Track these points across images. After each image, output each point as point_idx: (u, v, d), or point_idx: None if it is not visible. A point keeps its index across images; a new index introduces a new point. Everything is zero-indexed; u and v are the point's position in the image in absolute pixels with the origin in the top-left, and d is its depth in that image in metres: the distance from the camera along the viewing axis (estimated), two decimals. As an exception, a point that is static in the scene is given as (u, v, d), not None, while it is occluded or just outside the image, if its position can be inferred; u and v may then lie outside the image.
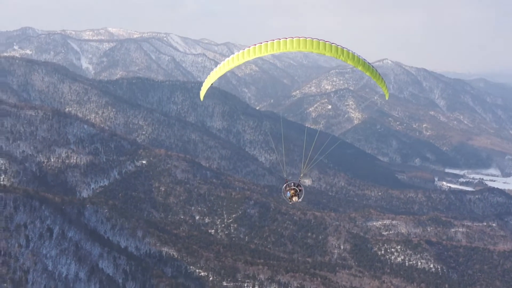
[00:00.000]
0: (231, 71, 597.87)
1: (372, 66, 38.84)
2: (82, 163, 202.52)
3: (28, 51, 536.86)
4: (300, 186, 41.94)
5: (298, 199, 41.85)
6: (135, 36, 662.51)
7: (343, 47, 37.01)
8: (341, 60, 37.12)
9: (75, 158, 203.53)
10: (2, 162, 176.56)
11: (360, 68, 38.02)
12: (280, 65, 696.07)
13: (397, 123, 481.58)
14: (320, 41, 36.39)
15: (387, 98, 43.52)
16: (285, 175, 47.19)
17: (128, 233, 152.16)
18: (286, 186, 42.24)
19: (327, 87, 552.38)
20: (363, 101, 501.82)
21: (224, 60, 39.50)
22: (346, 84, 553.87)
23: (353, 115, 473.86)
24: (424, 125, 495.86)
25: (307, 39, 36.28)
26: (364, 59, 38.22)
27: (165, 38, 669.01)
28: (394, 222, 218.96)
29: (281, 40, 36.54)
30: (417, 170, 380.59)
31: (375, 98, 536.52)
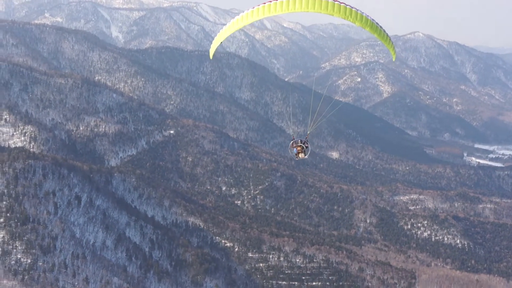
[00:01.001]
0: (261, 42, 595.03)
1: (381, 27, 38.10)
2: (110, 132, 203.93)
3: (58, 19, 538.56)
4: (307, 143, 42.19)
5: (305, 155, 42.23)
6: (165, 5, 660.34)
7: (352, 7, 36.32)
8: (349, 21, 36.45)
9: (103, 126, 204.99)
10: (32, 129, 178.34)
11: (367, 29, 37.30)
12: (310, 36, 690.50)
13: (427, 97, 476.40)
14: (329, 1, 35.74)
15: (394, 60, 43.01)
16: (291, 132, 47.23)
17: (155, 203, 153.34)
18: (293, 143, 42.45)
19: (356, 60, 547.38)
20: (393, 74, 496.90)
21: (233, 19, 38.84)
22: (376, 57, 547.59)
23: (382, 88, 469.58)
24: (454, 100, 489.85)
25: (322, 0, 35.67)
26: (372, 19, 37.47)
27: (195, 8, 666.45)
28: (421, 197, 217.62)
29: (290, 0, 35.98)
30: (446, 145, 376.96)
31: (406, 71, 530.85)
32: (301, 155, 42.52)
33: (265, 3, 36.79)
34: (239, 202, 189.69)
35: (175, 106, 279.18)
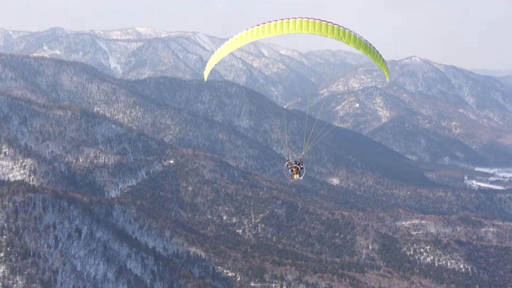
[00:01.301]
0: (258, 70, 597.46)
1: (374, 48, 38.39)
2: (110, 163, 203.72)
3: (57, 51, 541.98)
4: (302, 165, 42.51)
5: (300, 176, 42.64)
6: (162, 35, 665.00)
7: (345, 28, 36.72)
8: (343, 42, 36.73)
9: (103, 158, 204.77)
10: (31, 162, 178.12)
11: (361, 50, 37.68)
12: (307, 63, 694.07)
13: (426, 121, 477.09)
14: (322, 22, 36.24)
15: (388, 81, 43.51)
16: (286, 153, 47.60)
17: (156, 233, 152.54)
18: (288, 164, 43.00)
19: (354, 85, 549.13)
20: (391, 99, 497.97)
21: (227, 41, 39.00)
22: (374, 82, 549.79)
23: (381, 113, 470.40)
24: (453, 123, 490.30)
25: (309, 20, 36.17)
26: (366, 40, 37.79)
27: (192, 37, 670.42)
28: (423, 221, 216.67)
29: (284, 21, 36.48)
30: (446, 169, 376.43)
31: (404, 96, 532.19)
32: (296, 176, 43.09)
33: (258, 25, 37.00)
34: (240, 231, 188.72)
35: (174, 135, 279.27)
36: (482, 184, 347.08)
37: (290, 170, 43.15)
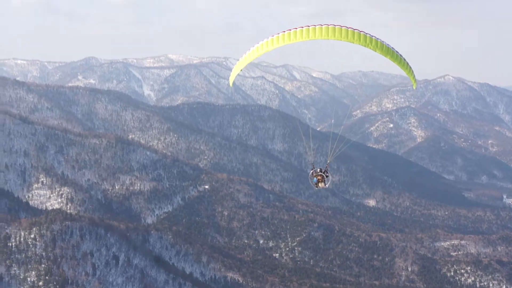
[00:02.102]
0: (291, 93, 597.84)
1: (401, 56, 38.10)
2: (145, 189, 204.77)
3: (91, 81, 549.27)
4: (327, 173, 41.78)
5: (325, 185, 41.91)
6: (194, 61, 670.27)
7: (372, 36, 36.60)
8: (370, 48, 36.29)
9: (138, 184, 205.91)
10: (68, 190, 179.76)
11: (388, 57, 37.35)
12: (339, 85, 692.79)
13: (462, 140, 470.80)
14: (349, 29, 36.11)
15: (414, 88, 42.80)
16: (311, 160, 46.59)
17: (193, 259, 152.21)
18: (313, 172, 42.68)
19: (388, 106, 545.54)
20: (426, 118, 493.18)
21: (252, 47, 38.87)
22: (407, 102, 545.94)
23: (415, 133, 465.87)
24: (489, 141, 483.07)
25: (336, 26, 36.09)
26: (392, 48, 37.66)
27: (224, 63, 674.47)
28: (462, 242, 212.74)
29: (310, 27, 36.25)
30: (484, 188, 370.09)
31: (438, 115, 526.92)
32: (321, 185, 42.62)
33: (284, 32, 36.83)
34: (277, 254, 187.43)
35: (208, 160, 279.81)
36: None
37: (315, 178, 42.61)
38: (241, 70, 41.02)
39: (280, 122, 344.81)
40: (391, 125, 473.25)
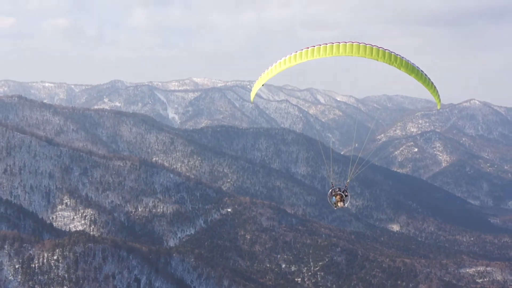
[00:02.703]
0: (315, 117, 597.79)
1: (425, 74, 37.97)
2: (168, 212, 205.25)
3: (117, 103, 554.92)
4: (347, 192, 41.40)
5: (344, 204, 41.63)
6: (219, 85, 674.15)
7: (397, 54, 36.53)
8: (394, 66, 36.24)
9: (161, 207, 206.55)
10: (91, 212, 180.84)
11: (413, 75, 37.36)
12: (364, 109, 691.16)
13: (488, 164, 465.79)
14: (373, 47, 36.01)
15: (439, 108, 42.47)
16: (331, 181, 46.24)
17: (215, 282, 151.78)
18: (332, 191, 41.95)
19: (412, 130, 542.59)
20: (451, 143, 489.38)
21: (275, 63, 39.00)
22: (432, 126, 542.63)
23: (440, 157, 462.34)
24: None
25: (360, 44, 36.03)
26: (417, 66, 37.51)
27: (248, 86, 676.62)
28: (488, 268, 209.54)
29: (333, 44, 36.34)
30: (511, 213, 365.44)
31: (463, 139, 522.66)
32: (340, 204, 42.26)
33: (308, 48, 36.81)
34: (300, 279, 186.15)
35: (231, 184, 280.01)
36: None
37: (334, 197, 42.33)
38: (262, 85, 41.13)
39: (303, 145, 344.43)
40: (416, 149, 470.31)
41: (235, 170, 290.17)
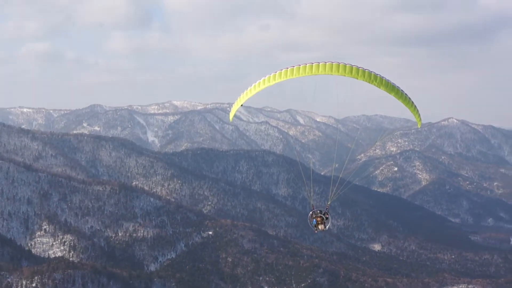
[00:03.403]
0: (295, 138, 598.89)
1: (405, 93, 38.02)
2: (149, 236, 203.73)
3: (96, 128, 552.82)
4: (327, 214, 40.87)
5: (325, 227, 40.98)
6: (199, 107, 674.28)
7: (376, 73, 36.67)
8: (374, 85, 36.44)
9: (142, 231, 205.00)
10: (71, 238, 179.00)
11: (392, 94, 37.45)
12: (343, 129, 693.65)
13: (467, 182, 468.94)
14: (353, 66, 36.25)
15: (419, 126, 42.79)
16: (311, 202, 45.74)
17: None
18: (312, 214, 41.36)
19: (392, 149, 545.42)
20: (430, 161, 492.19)
21: (255, 83, 39.10)
22: (411, 145, 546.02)
23: (420, 176, 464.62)
24: (495, 183, 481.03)
25: (340, 63, 36.30)
26: (397, 86, 37.80)
27: (227, 108, 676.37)
28: (470, 286, 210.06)
29: (313, 64, 36.50)
30: (491, 231, 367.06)
31: (442, 158, 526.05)
32: (320, 227, 41.82)
33: (287, 68, 36.90)
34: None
35: (212, 206, 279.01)
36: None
37: (314, 220, 41.92)
38: (241, 105, 41.12)
39: (284, 167, 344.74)
40: (396, 169, 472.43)
41: (215, 192, 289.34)
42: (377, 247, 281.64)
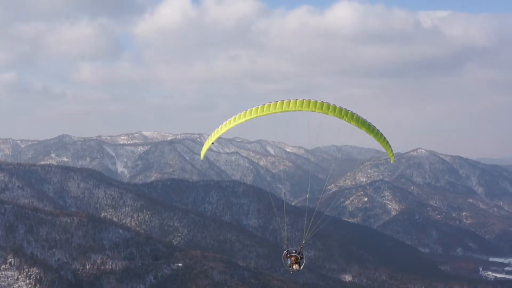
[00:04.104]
0: (265, 168, 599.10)
1: (377, 129, 37.93)
2: (117, 268, 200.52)
3: (65, 158, 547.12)
4: (302, 254, 39.90)
5: (299, 267, 40.02)
6: (169, 138, 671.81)
7: (348, 110, 36.95)
8: (345, 121, 36.73)
9: (110, 263, 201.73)
10: (37, 271, 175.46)
11: (363, 129, 37.64)
12: (313, 159, 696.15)
13: (436, 212, 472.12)
14: (324, 102, 36.50)
15: (392, 161, 42.80)
16: (286, 242, 44.82)
17: None
18: (286, 253, 40.30)
19: (362, 180, 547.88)
20: (400, 191, 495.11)
21: (226, 121, 39.27)
22: (381, 176, 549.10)
23: (390, 206, 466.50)
24: (464, 214, 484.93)
25: (311, 100, 36.50)
26: (369, 122, 38.05)
27: (198, 139, 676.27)
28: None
29: (284, 101, 36.63)
30: (460, 260, 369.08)
31: (412, 188, 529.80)
32: (295, 267, 40.77)
33: (258, 106, 36.98)
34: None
35: (182, 237, 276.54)
36: (498, 275, 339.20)
37: (289, 260, 40.95)
38: (212, 143, 40.84)
39: (254, 197, 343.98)
40: (366, 199, 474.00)
41: (185, 223, 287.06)
42: (348, 277, 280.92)
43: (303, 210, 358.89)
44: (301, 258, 40.53)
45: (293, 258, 40.55)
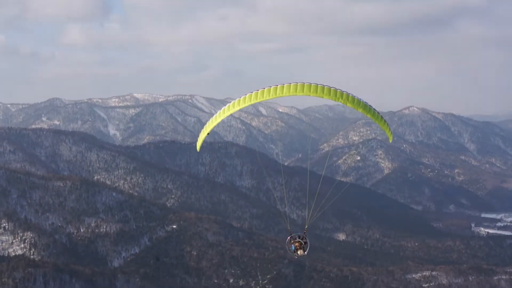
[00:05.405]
0: (257, 129, 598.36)
1: (374, 109, 38.38)
2: (112, 231, 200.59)
3: (56, 122, 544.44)
4: (305, 239, 39.23)
5: (304, 252, 39.40)
6: (160, 100, 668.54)
7: (343, 91, 36.72)
8: (340, 102, 36.17)
9: (104, 227, 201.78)
10: (31, 235, 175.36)
11: (361, 110, 36.85)
12: (306, 119, 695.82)
13: (428, 170, 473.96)
14: (318, 85, 35.97)
15: (390, 141, 42.68)
16: (288, 227, 44.18)
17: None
18: (290, 239, 40.25)
19: (354, 138, 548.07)
20: (393, 150, 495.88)
21: (224, 106, 38.74)
22: (373, 134, 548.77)
23: (383, 165, 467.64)
24: (456, 171, 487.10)
25: (305, 84, 35.88)
26: (365, 102, 37.92)
27: (190, 100, 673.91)
28: (434, 273, 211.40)
29: (278, 86, 36.13)
30: (453, 217, 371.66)
31: (404, 146, 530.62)
32: (300, 252, 39.93)
33: (251, 92, 36.30)
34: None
35: (176, 199, 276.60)
36: (490, 231, 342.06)
37: (293, 245, 40.17)
38: (208, 133, 40.23)
39: (247, 158, 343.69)
40: (358, 158, 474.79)
41: (179, 185, 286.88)
42: (341, 236, 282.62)
43: (295, 170, 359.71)
44: (305, 243, 39.80)
45: (297, 244, 39.81)
